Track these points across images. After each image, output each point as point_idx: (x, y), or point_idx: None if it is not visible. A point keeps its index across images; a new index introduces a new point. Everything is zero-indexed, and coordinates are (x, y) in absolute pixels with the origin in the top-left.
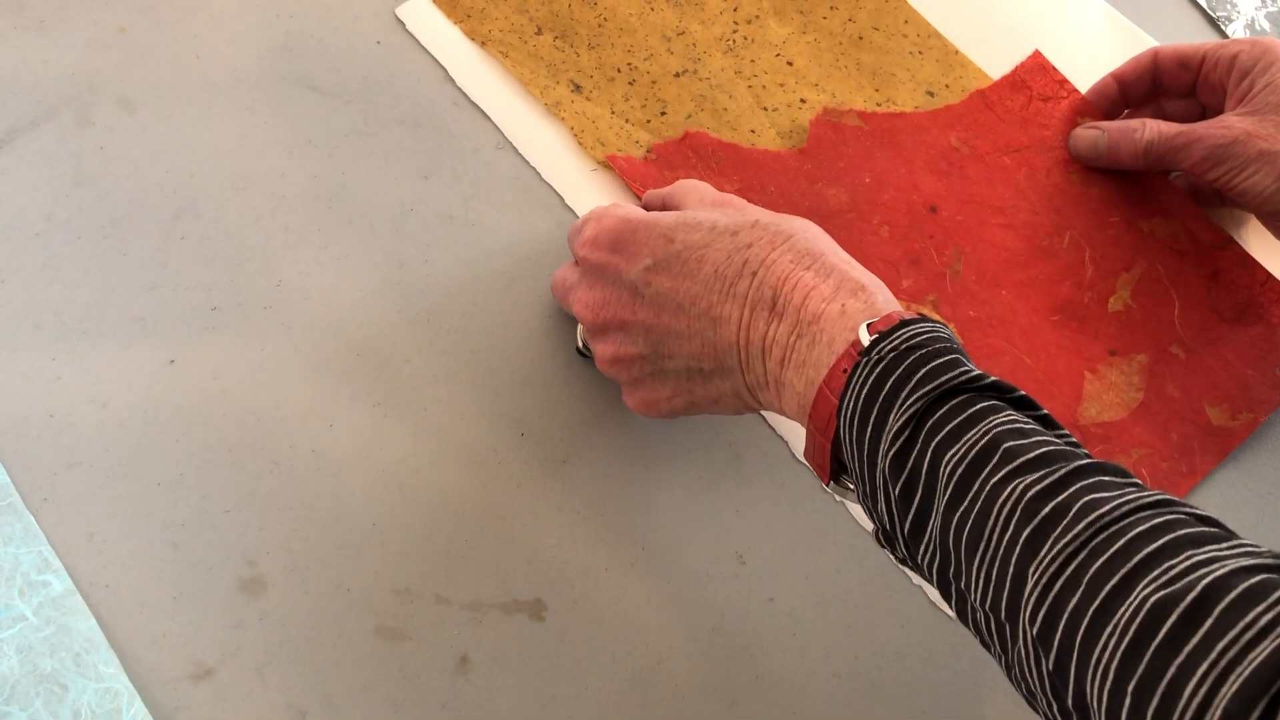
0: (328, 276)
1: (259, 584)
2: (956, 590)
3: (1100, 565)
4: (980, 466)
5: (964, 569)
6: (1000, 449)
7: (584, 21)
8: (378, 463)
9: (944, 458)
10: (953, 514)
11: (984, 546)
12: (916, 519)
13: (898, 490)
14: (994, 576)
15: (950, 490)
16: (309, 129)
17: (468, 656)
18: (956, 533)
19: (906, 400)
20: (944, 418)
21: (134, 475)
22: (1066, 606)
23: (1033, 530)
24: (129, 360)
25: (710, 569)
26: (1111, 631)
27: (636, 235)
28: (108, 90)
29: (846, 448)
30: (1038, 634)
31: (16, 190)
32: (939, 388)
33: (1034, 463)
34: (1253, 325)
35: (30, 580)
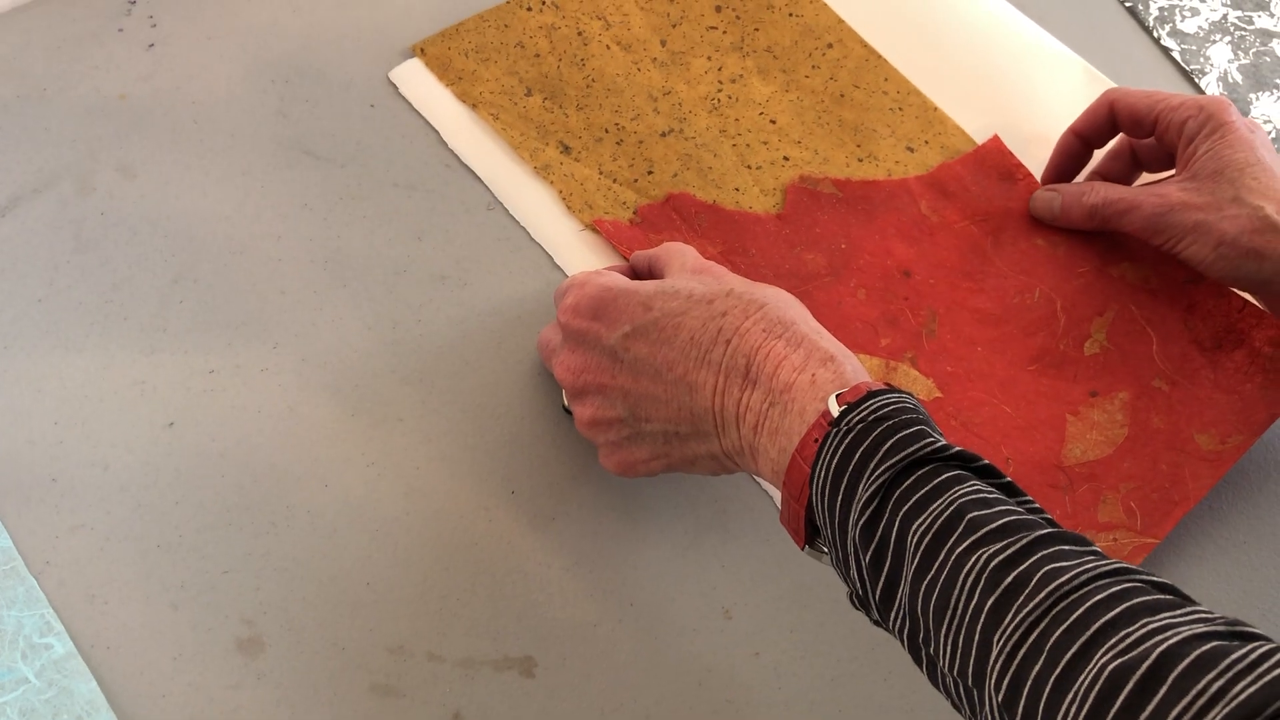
0: (323, 338)
1: (257, 644)
2: (926, 655)
3: (1060, 634)
4: (946, 536)
5: (932, 636)
6: (965, 519)
7: (572, 83)
8: (371, 522)
9: (911, 527)
10: (920, 582)
11: (950, 614)
12: (886, 586)
13: (868, 558)
14: (960, 644)
15: (918, 559)
16: (304, 193)
17: (460, 713)
18: (925, 600)
19: (874, 471)
20: (911, 488)
21: (134, 537)
22: (1029, 674)
23: (996, 599)
24: (129, 424)
25: (697, 624)
26: (1072, 699)
27: (616, 303)
28: (108, 157)
29: (819, 514)
30: (1003, 701)
31: (19, 256)
32: (906, 459)
33: (997, 532)
34: (1234, 351)
35: (33, 643)
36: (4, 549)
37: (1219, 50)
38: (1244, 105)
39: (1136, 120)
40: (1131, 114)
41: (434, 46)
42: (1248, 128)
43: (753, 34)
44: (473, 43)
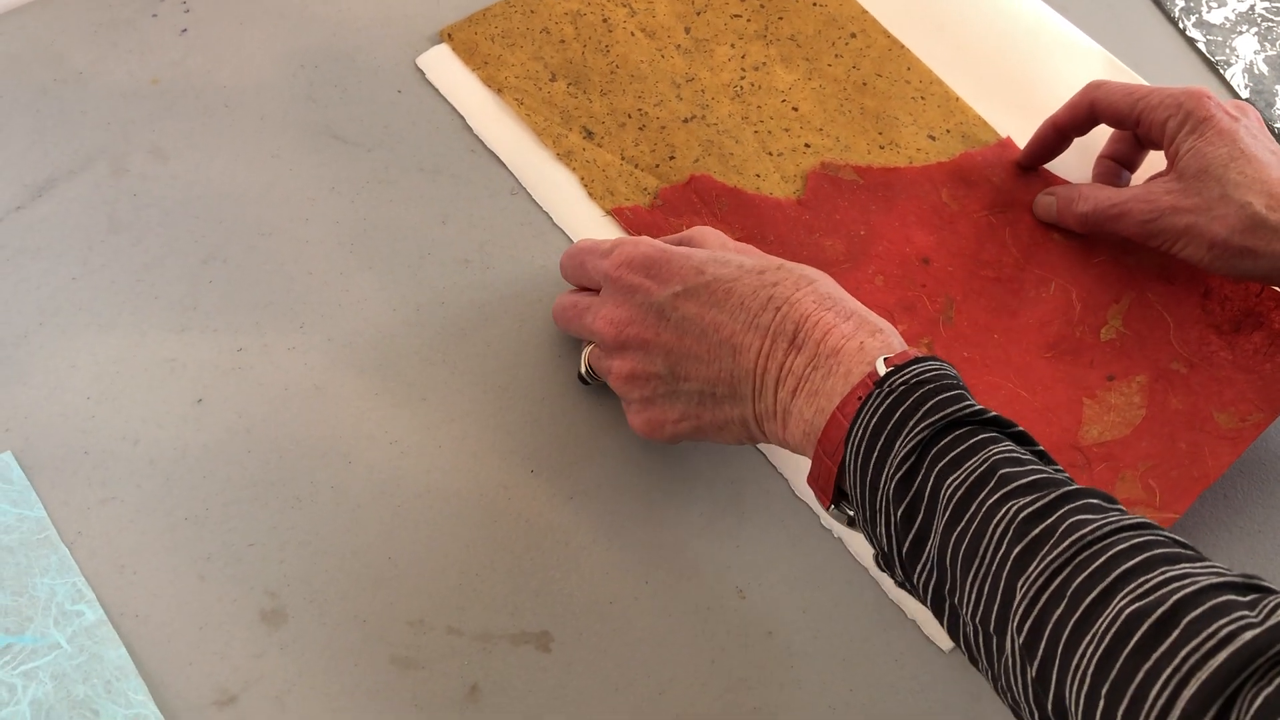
0: (348, 319)
1: (280, 615)
2: (950, 606)
3: (1082, 580)
4: (978, 490)
5: (958, 585)
6: (997, 474)
7: (596, 69)
8: (394, 499)
9: (945, 482)
10: (950, 533)
11: (978, 563)
12: (916, 540)
13: (900, 512)
14: (985, 591)
15: (949, 512)
16: (332, 176)
17: (477, 686)
18: (954, 551)
19: (914, 429)
20: (947, 447)
21: (163, 510)
22: (1050, 618)
23: (1023, 549)
24: (159, 400)
25: (711, 603)
26: (1090, 641)
27: (671, 263)
28: (141, 140)
29: (850, 473)
30: (1023, 644)
31: (55, 236)
32: (944, 419)
33: (1027, 488)
34: (1253, 333)
35: (65, 610)
36: (37, 519)
37: (1245, 41)
38: (1270, 96)
39: (1119, 120)
40: (1114, 113)
41: (461, 32)
42: (1230, 116)
43: (776, 22)
44: (499, 28)
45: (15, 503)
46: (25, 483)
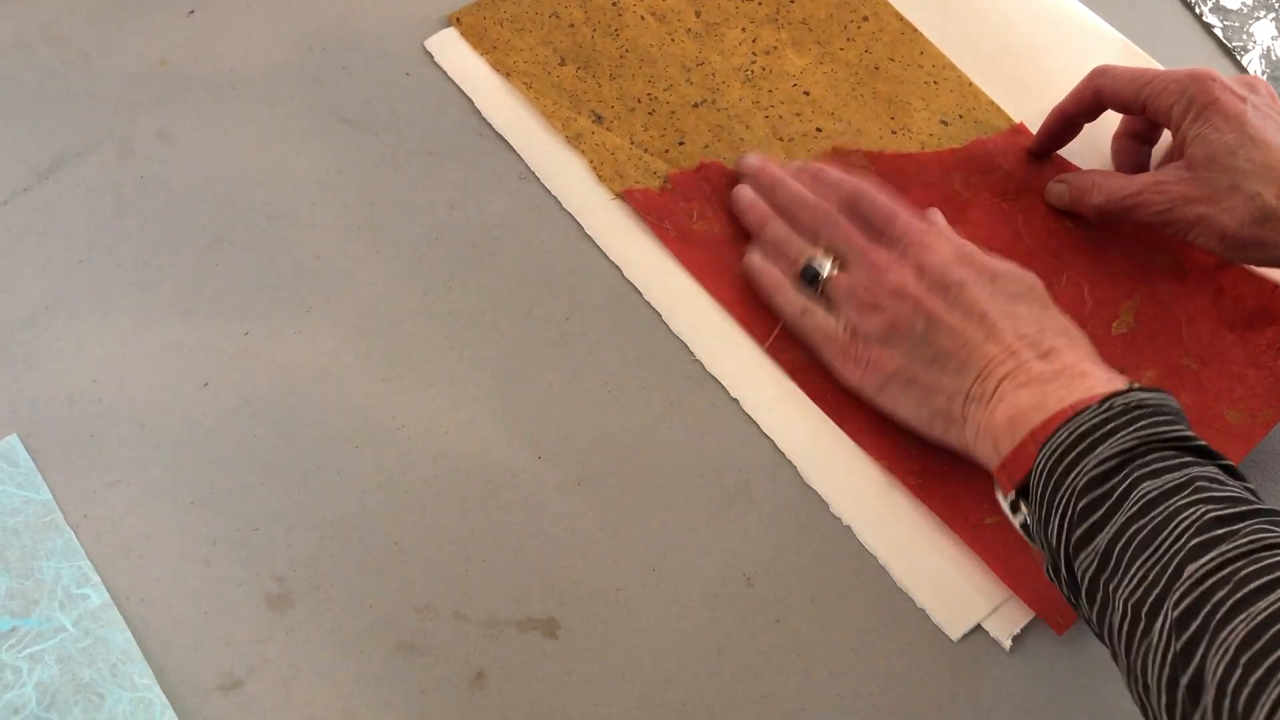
0: (355, 303)
1: (286, 600)
2: (1104, 594)
3: (1253, 571)
4: (1171, 496)
5: (1121, 570)
6: (1194, 485)
7: (606, 53)
8: (400, 484)
9: (1140, 486)
10: (1129, 527)
11: (1152, 550)
12: (1089, 530)
13: (1082, 504)
14: (1151, 574)
15: (1136, 508)
16: (339, 160)
17: (483, 672)
18: (1129, 540)
19: (1122, 439)
20: (1151, 460)
21: (169, 494)
22: (1212, 598)
23: (1202, 541)
24: (165, 383)
25: (719, 591)
26: (1244, 619)
27: (975, 258)
28: (148, 122)
29: (1042, 464)
30: (1177, 618)
31: (61, 218)
32: (1154, 436)
33: (1222, 500)
34: (1266, 329)
35: (70, 593)
36: (43, 502)
37: (1263, 27)
38: None
39: (1125, 107)
40: (1119, 101)
41: (470, 16)
42: (1237, 96)
43: (788, 6)
44: (508, 12)
45: (21, 485)
46: (31, 465)
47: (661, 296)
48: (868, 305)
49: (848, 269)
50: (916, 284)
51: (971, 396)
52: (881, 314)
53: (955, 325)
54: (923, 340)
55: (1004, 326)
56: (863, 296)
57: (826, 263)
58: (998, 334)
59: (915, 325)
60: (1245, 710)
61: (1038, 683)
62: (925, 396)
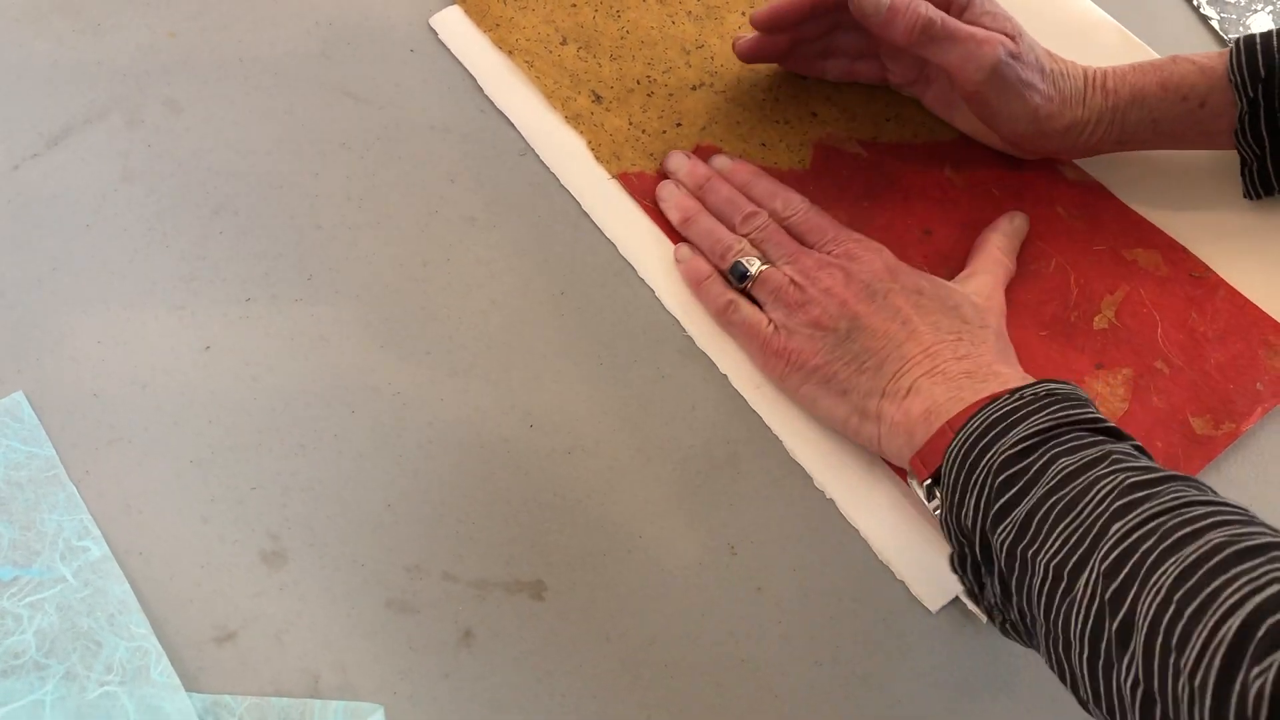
0: (356, 272)
1: (280, 557)
2: (1021, 561)
3: (1179, 522)
4: (1090, 467)
5: (1042, 536)
6: (1111, 457)
7: (607, 33)
8: (395, 448)
9: (1058, 461)
10: (1050, 496)
11: (1074, 516)
12: (1006, 504)
13: (999, 481)
14: (1075, 535)
15: (1054, 482)
16: (343, 132)
17: (471, 631)
18: (1049, 509)
19: (1037, 422)
20: (1067, 439)
21: (169, 452)
22: (1140, 548)
23: (1126, 502)
24: (168, 346)
25: (703, 559)
26: (1174, 562)
27: (907, 273)
28: (156, 91)
29: (955, 450)
30: (1105, 569)
31: (69, 184)
32: (1069, 419)
33: (1141, 469)
34: (1233, 344)
35: (71, 545)
36: (47, 458)
37: (1259, 19)
38: None
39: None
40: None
41: None
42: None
43: None
44: None
45: (26, 441)
46: (35, 422)
47: (655, 274)
48: (795, 303)
49: (776, 268)
50: (845, 287)
51: (887, 393)
52: (807, 311)
53: (878, 327)
54: (846, 339)
55: (925, 330)
56: (790, 294)
57: (756, 260)
58: (918, 336)
59: (839, 324)
60: (1180, 643)
61: (1013, 654)
62: (842, 394)
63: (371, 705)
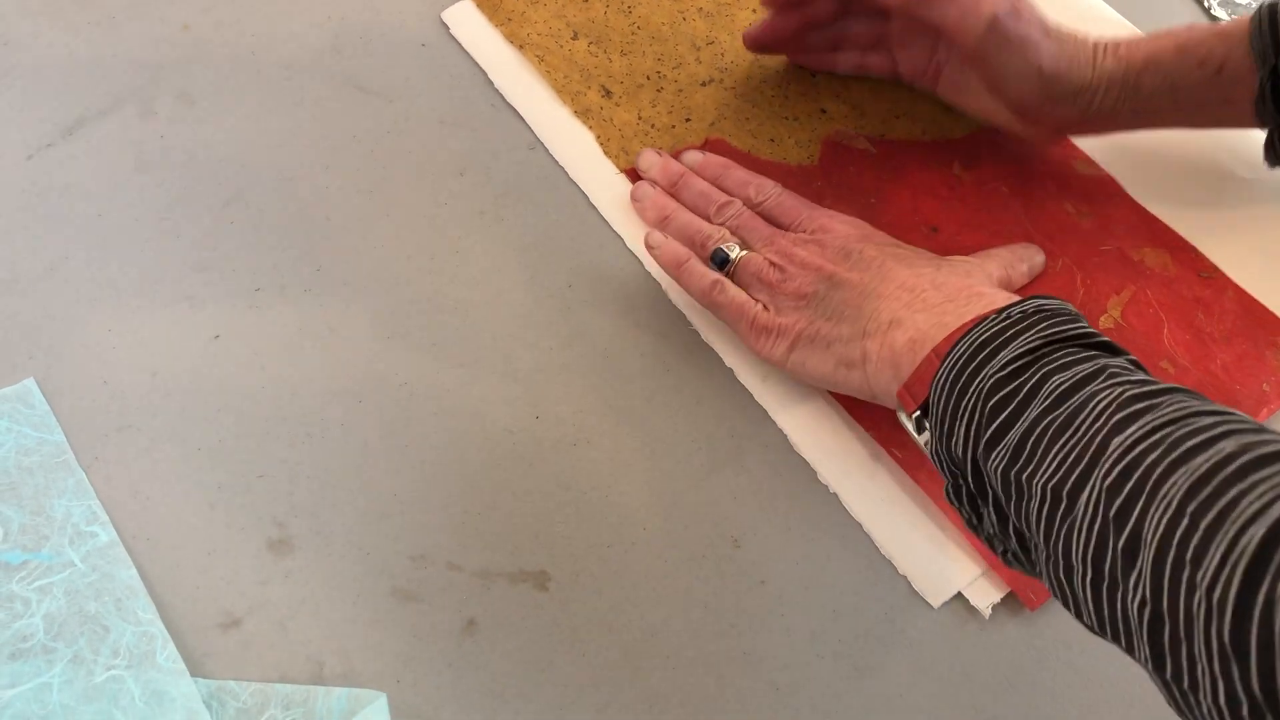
0: (364, 264)
1: (286, 544)
2: (1017, 485)
3: (1187, 431)
4: (1085, 383)
5: (1037, 457)
6: (1107, 371)
7: (618, 29)
8: (401, 438)
9: (1050, 379)
10: (1045, 416)
11: (1070, 433)
12: (999, 429)
13: (989, 404)
14: (1073, 454)
15: (1049, 401)
16: (354, 125)
17: (475, 620)
18: (1043, 430)
19: (1028, 339)
20: (1060, 355)
21: (177, 440)
22: (1144, 460)
23: (1125, 415)
24: (178, 334)
25: (706, 551)
26: (1184, 472)
27: (876, 235)
28: (170, 84)
29: (943, 377)
30: (1108, 486)
31: (83, 173)
32: (1060, 334)
33: (1138, 382)
34: (1239, 345)
35: (80, 531)
36: (57, 443)
37: None
38: None
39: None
40: None
41: None
42: None
43: None
44: None
45: (36, 427)
46: (46, 408)
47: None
48: (776, 281)
49: (756, 252)
50: (821, 257)
51: (867, 332)
52: (787, 285)
53: (853, 279)
54: (825, 298)
55: (899, 269)
56: (770, 275)
57: (735, 246)
58: (893, 274)
59: (819, 288)
60: (1195, 557)
61: (1015, 651)
62: (827, 348)
63: (374, 692)
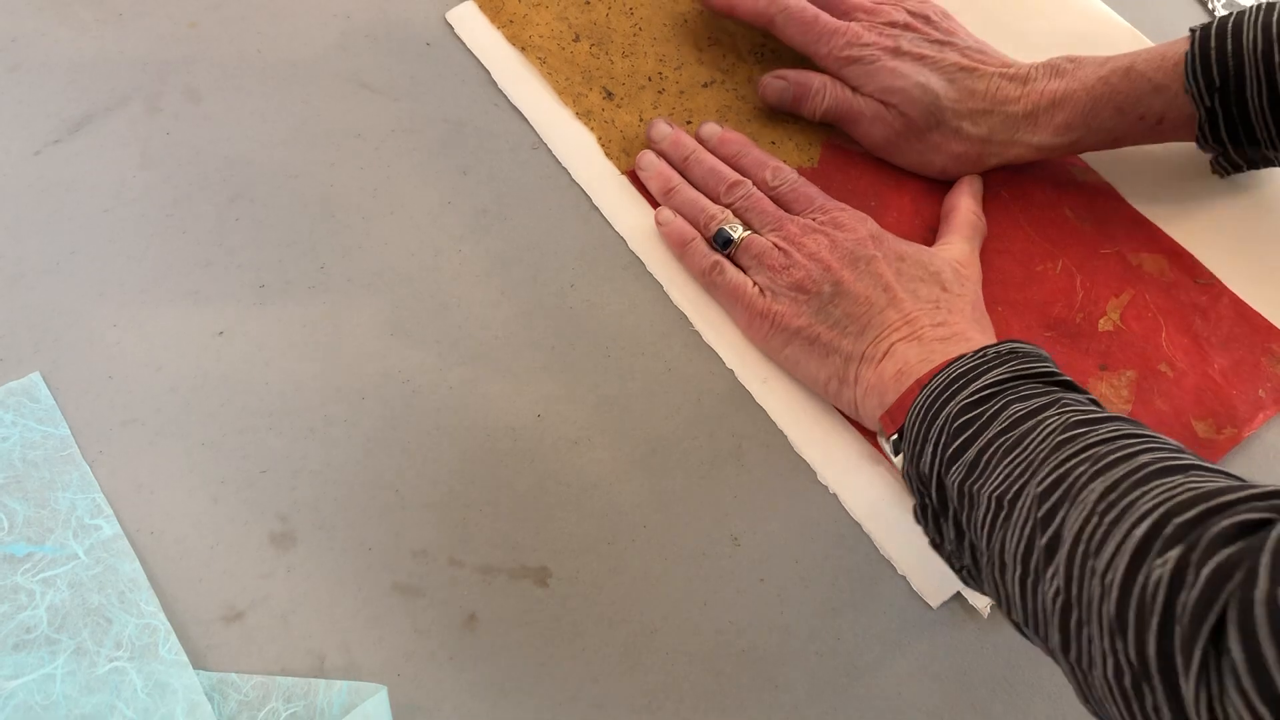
0: (368, 261)
1: (289, 539)
2: (970, 497)
3: (1114, 449)
4: (1040, 411)
5: (989, 471)
6: (1060, 401)
7: (620, 30)
8: (403, 434)
9: (1011, 407)
10: (999, 437)
11: (1018, 450)
12: (960, 447)
13: (955, 426)
14: (1017, 468)
15: (1005, 425)
16: (358, 123)
17: (476, 615)
18: (996, 448)
19: (996, 374)
20: (1023, 388)
21: (181, 434)
22: (1073, 473)
23: (1066, 437)
24: (182, 330)
25: (706, 549)
26: (1101, 480)
27: (889, 242)
28: (176, 80)
29: (919, 403)
30: (1040, 493)
31: (90, 169)
32: (1026, 371)
33: (1087, 411)
34: (1236, 350)
35: (84, 524)
36: (62, 437)
37: None
38: None
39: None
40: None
41: None
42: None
43: None
44: None
45: (41, 420)
46: (51, 402)
47: (663, 269)
48: (779, 266)
49: (761, 235)
50: (829, 252)
51: (865, 358)
52: (791, 274)
53: (860, 292)
54: (829, 302)
55: (905, 297)
56: (774, 258)
57: (739, 226)
58: (899, 302)
59: (823, 288)
60: (1097, 548)
61: (1013, 651)
62: (824, 357)
63: (375, 685)
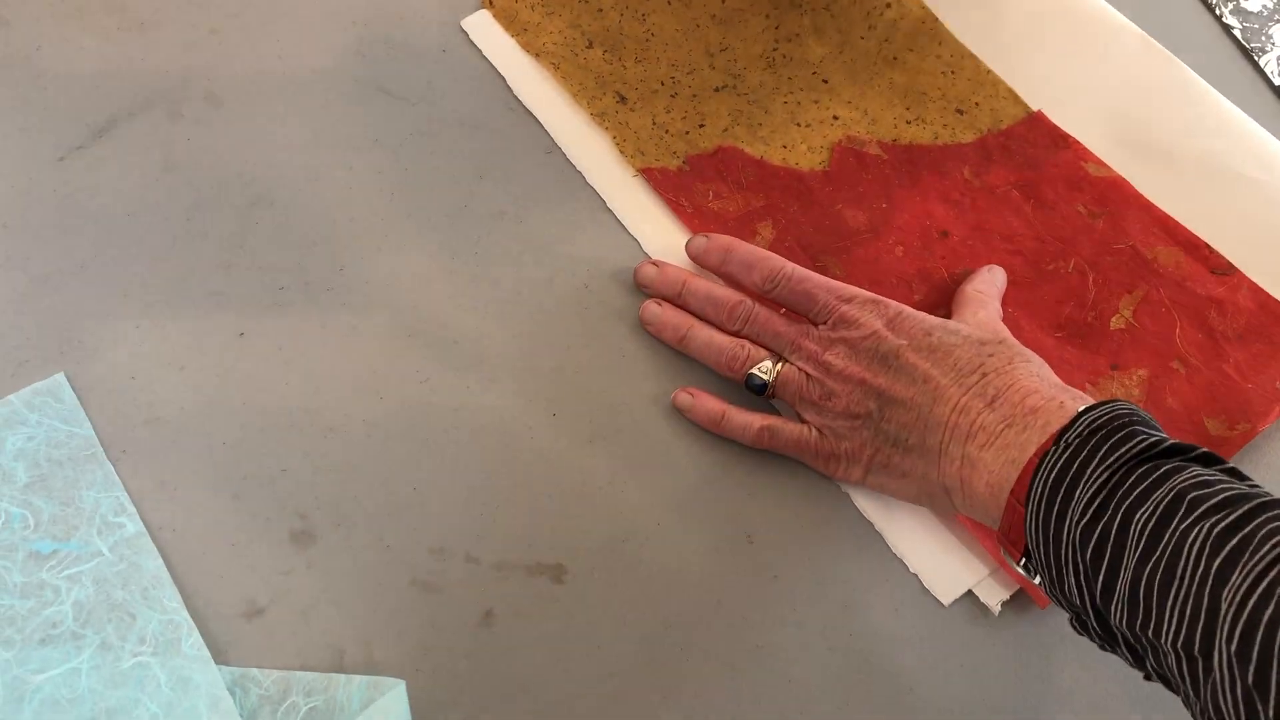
0: (386, 263)
1: (309, 536)
2: (1147, 640)
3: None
4: (1169, 519)
5: (1154, 613)
6: (1186, 500)
7: (632, 36)
8: (421, 433)
9: (1134, 518)
10: (1144, 566)
11: (1176, 586)
12: (1106, 581)
13: (1088, 556)
14: (1188, 612)
15: (1142, 545)
16: (377, 128)
17: (492, 611)
18: (1148, 582)
19: (1093, 474)
20: (1132, 485)
21: (203, 433)
22: (1262, 618)
23: (1222, 561)
24: (204, 331)
25: (720, 546)
26: None
27: (907, 319)
28: (198, 86)
29: (1031, 529)
30: (1236, 651)
31: (113, 174)
32: (1122, 458)
33: (1218, 506)
34: (1254, 343)
35: (108, 521)
36: (86, 436)
37: None
38: None
39: None
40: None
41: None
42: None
43: None
44: None
45: (66, 420)
46: (75, 402)
47: None
48: (819, 398)
49: (785, 362)
50: (855, 363)
51: (943, 469)
52: (835, 402)
53: (903, 396)
54: (881, 419)
55: (947, 384)
56: (812, 391)
57: (766, 364)
58: (943, 394)
59: (869, 405)
60: None
61: (1025, 648)
62: (903, 477)
63: (393, 680)
